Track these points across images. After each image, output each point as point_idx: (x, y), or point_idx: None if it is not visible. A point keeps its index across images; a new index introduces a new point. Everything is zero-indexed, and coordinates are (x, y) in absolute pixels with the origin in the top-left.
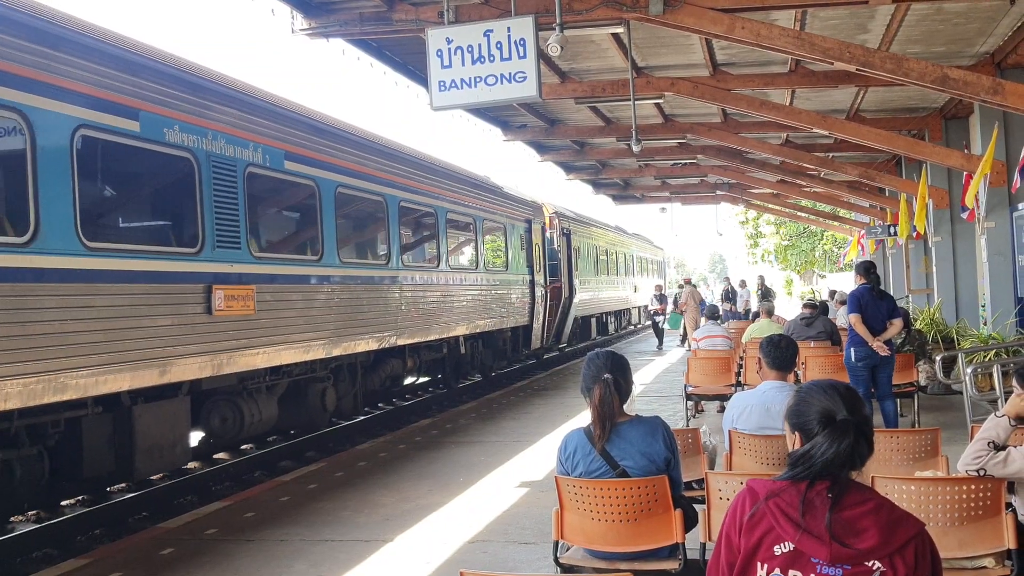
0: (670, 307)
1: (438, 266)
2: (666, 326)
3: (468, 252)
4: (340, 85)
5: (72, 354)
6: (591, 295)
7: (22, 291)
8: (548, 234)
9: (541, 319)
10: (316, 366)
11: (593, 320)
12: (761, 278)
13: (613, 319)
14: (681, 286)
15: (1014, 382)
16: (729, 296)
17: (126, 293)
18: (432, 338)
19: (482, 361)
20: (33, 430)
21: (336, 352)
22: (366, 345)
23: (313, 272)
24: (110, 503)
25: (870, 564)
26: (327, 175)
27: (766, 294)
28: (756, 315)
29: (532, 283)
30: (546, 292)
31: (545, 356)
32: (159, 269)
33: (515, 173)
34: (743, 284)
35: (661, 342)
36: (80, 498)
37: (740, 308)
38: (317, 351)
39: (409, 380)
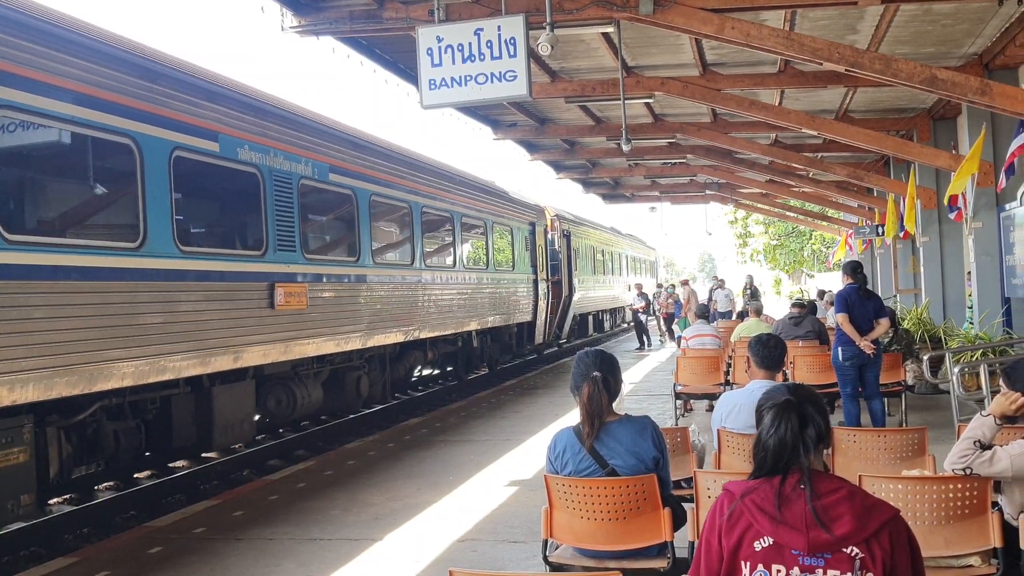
0: (657, 308)
1: (454, 266)
2: (674, 337)
3: (480, 253)
4: (331, 83)
5: (170, 341)
6: (589, 293)
7: (133, 288)
8: (550, 235)
9: (544, 316)
10: (353, 356)
11: (590, 317)
12: (749, 278)
13: (609, 316)
14: (668, 285)
15: (1000, 381)
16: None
17: (210, 290)
18: (449, 332)
19: (490, 355)
20: (135, 406)
21: (370, 343)
22: (394, 337)
23: (352, 272)
24: (97, 502)
25: (848, 551)
26: (363, 185)
27: (754, 294)
28: (743, 314)
29: (536, 282)
30: (548, 290)
31: (545, 351)
32: (235, 269)
33: (507, 172)
34: (722, 284)
35: (647, 342)
36: (67, 496)
37: (723, 308)
38: (355, 342)
39: (427, 371)
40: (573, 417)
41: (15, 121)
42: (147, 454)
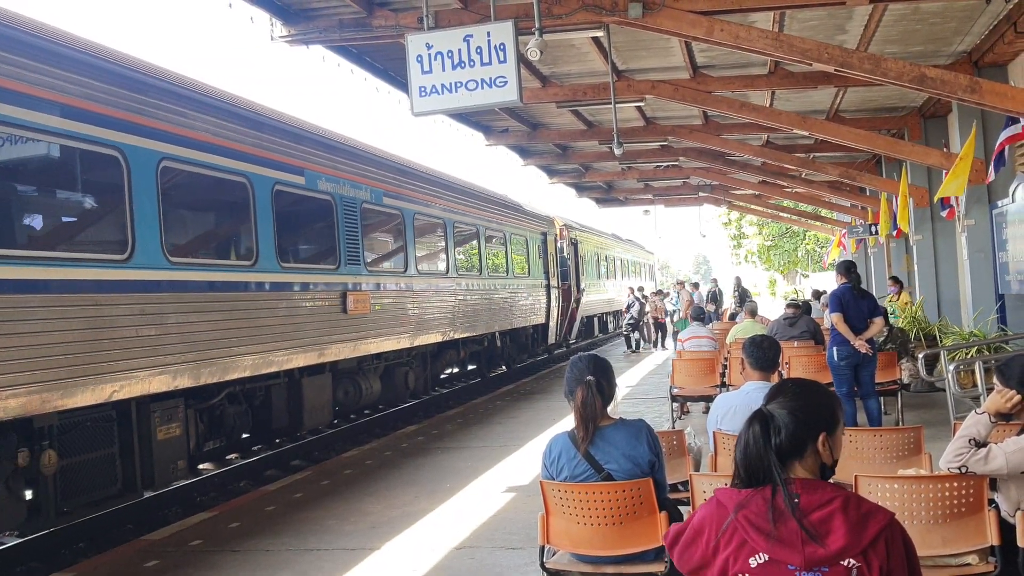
0: (649, 311)
1: (480, 274)
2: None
3: (500, 262)
4: (322, 89)
5: (274, 339)
6: (594, 297)
7: (251, 296)
8: (559, 243)
9: (555, 318)
10: (403, 354)
11: (596, 319)
12: (737, 279)
13: (612, 318)
14: (654, 290)
15: (995, 378)
16: (715, 298)
17: (301, 298)
18: (477, 333)
19: (508, 354)
20: (247, 393)
21: (416, 343)
22: (434, 338)
23: (402, 281)
24: (94, 515)
25: (846, 563)
26: (409, 206)
27: (743, 296)
28: (733, 315)
29: (548, 287)
30: (559, 295)
31: (555, 351)
32: (318, 281)
33: (501, 177)
34: (696, 286)
35: (641, 343)
36: (63, 510)
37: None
38: (404, 342)
39: (456, 369)
40: (569, 422)
41: (175, 170)
42: (245, 435)
